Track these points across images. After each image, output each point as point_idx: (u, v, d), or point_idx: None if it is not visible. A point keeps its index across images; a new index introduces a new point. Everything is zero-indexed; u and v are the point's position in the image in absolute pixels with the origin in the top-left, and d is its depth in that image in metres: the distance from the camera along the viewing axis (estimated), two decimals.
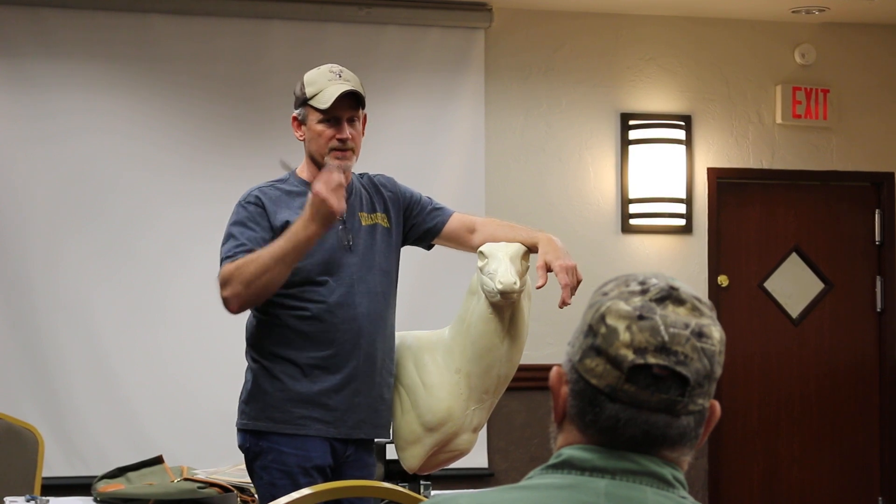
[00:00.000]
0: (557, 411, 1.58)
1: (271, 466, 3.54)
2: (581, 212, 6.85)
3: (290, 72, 6.35)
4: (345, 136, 3.58)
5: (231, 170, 6.28)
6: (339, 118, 3.58)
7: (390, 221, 3.73)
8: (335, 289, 3.55)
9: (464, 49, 6.68)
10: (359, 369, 3.58)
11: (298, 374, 3.56)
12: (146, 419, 6.19)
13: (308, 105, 3.59)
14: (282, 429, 3.54)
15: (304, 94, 3.60)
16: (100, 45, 6.29)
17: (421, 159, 6.49)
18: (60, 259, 6.17)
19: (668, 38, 7.00)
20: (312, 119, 3.59)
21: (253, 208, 3.57)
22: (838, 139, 7.19)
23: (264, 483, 3.55)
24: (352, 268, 3.59)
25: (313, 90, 3.59)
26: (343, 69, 3.63)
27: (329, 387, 3.55)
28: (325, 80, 3.59)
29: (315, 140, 3.60)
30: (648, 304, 1.53)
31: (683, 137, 6.93)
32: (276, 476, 3.52)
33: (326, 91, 3.57)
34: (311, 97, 3.58)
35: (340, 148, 3.58)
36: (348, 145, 3.59)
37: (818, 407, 7.17)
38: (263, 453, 3.56)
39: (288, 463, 3.52)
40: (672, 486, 1.53)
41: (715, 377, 1.54)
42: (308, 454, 3.53)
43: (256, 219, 3.56)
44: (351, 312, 3.57)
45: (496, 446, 6.67)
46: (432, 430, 3.65)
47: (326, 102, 3.55)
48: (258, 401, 3.58)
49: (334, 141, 3.58)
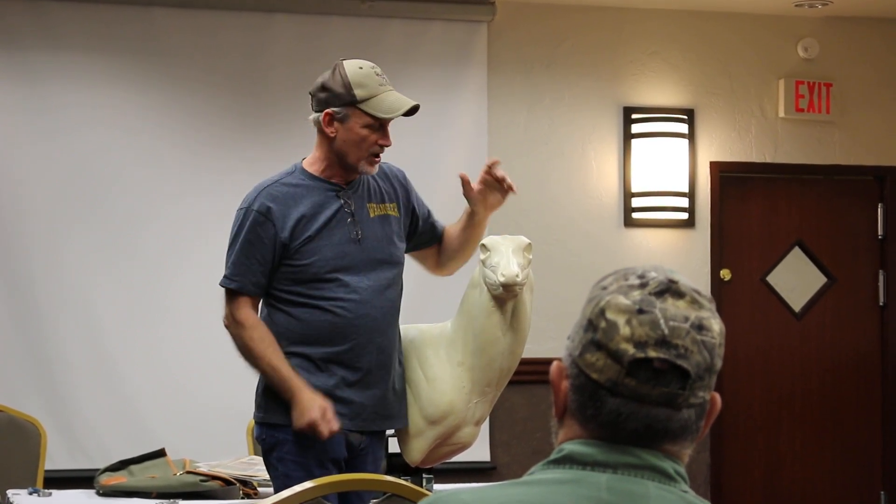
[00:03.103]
0: (558, 406, 1.58)
1: (287, 458, 3.56)
2: (583, 205, 6.85)
3: (292, 65, 6.39)
4: (389, 144, 3.59)
5: (234, 164, 6.27)
6: (384, 125, 3.58)
7: (400, 211, 3.74)
8: (347, 284, 3.56)
9: (467, 43, 6.68)
10: (373, 363, 3.59)
11: (313, 368, 3.57)
12: (148, 412, 6.19)
13: (356, 107, 3.55)
14: None
15: (353, 95, 3.54)
16: (102, 39, 6.28)
17: (423, 153, 6.49)
18: (63, 253, 6.17)
19: (671, 32, 6.99)
20: (357, 122, 3.55)
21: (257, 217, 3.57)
22: (841, 133, 7.19)
23: (279, 474, 3.56)
24: (362, 261, 3.59)
25: (364, 93, 3.53)
26: (380, 69, 3.61)
27: (345, 381, 3.57)
28: (377, 85, 3.55)
29: (356, 144, 3.56)
30: (648, 297, 1.53)
31: (686, 131, 6.93)
32: (291, 468, 3.54)
33: (385, 99, 3.54)
34: (361, 100, 3.54)
35: (378, 153, 3.59)
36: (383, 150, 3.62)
37: (820, 401, 7.17)
38: (279, 445, 3.57)
39: (304, 455, 3.54)
40: (674, 480, 1.53)
41: (715, 370, 1.54)
42: (324, 446, 3.54)
43: (259, 232, 3.56)
44: (364, 307, 3.58)
45: (498, 440, 6.67)
46: (435, 424, 3.65)
47: (389, 112, 3.54)
48: (274, 394, 3.59)
49: (376, 147, 3.58)
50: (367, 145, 3.56)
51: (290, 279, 3.58)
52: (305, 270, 3.54)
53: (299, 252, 3.56)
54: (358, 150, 3.57)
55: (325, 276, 3.56)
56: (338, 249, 3.57)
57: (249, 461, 4.19)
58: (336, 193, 3.62)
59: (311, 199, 3.58)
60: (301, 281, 3.55)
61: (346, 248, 3.58)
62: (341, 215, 3.61)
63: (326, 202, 3.61)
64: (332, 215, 3.60)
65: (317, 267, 3.54)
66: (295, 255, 3.56)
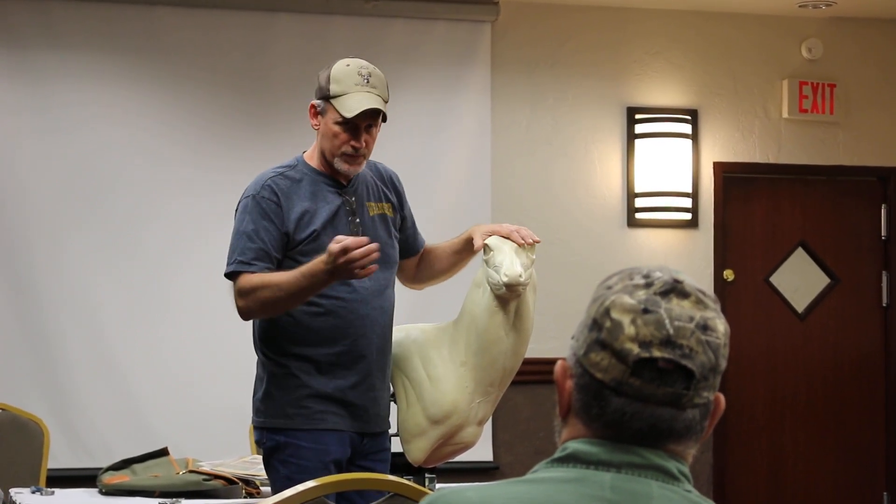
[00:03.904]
0: (562, 405, 1.58)
1: (289, 461, 3.55)
2: (587, 206, 6.85)
3: (295, 65, 6.40)
4: (359, 146, 3.56)
5: (236, 162, 6.27)
6: (357, 126, 3.55)
7: (395, 212, 3.74)
8: (349, 283, 3.55)
9: (470, 42, 6.68)
10: (373, 364, 3.59)
11: (313, 370, 3.56)
12: (151, 411, 6.19)
13: (329, 102, 3.56)
14: (300, 424, 3.54)
15: (328, 90, 3.55)
16: (105, 37, 6.29)
17: (427, 153, 6.50)
18: (65, 251, 6.17)
19: (675, 33, 6.99)
20: (330, 117, 3.56)
21: (267, 204, 3.55)
22: (845, 134, 7.18)
23: (281, 477, 3.54)
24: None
25: (338, 90, 3.53)
26: (372, 71, 3.58)
27: (346, 383, 3.56)
28: (352, 84, 3.53)
29: (329, 139, 3.57)
30: (653, 297, 1.53)
31: (689, 132, 6.92)
32: (293, 470, 3.52)
33: (351, 98, 3.52)
34: (333, 96, 3.54)
35: (352, 154, 3.57)
36: (360, 152, 3.58)
37: (823, 402, 7.16)
38: (281, 448, 3.56)
39: (306, 457, 3.53)
40: (677, 480, 1.54)
41: (720, 370, 1.54)
42: (326, 448, 3.54)
43: (271, 216, 3.54)
44: (364, 308, 3.57)
45: (501, 439, 6.67)
46: (437, 423, 3.65)
47: (349, 112, 3.51)
48: (274, 398, 3.58)
49: (348, 147, 3.56)
50: (338, 142, 3.55)
51: None
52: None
53: (306, 248, 3.54)
54: (331, 145, 3.57)
55: None
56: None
57: (252, 460, 4.19)
58: (337, 191, 3.62)
59: (312, 192, 3.58)
60: None
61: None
62: (342, 212, 3.61)
63: (328, 196, 3.60)
64: (335, 211, 3.59)
65: None
66: (301, 251, 3.55)
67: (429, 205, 6.26)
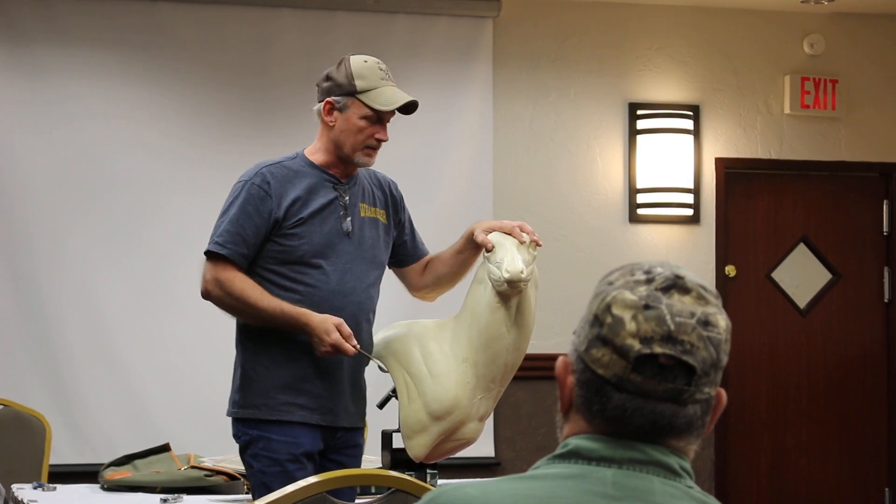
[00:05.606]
0: (563, 401, 1.58)
1: (261, 454, 3.55)
2: (589, 201, 6.85)
3: (298, 60, 6.39)
4: (384, 138, 3.62)
5: (239, 158, 6.24)
6: (382, 119, 3.61)
7: (388, 219, 3.75)
8: (329, 273, 3.57)
9: (472, 38, 6.67)
10: (343, 357, 3.57)
11: (284, 359, 3.57)
12: (153, 407, 6.19)
13: (355, 98, 3.59)
14: (268, 415, 3.56)
15: (354, 85, 3.58)
16: (108, 33, 6.28)
17: (429, 149, 6.50)
18: (67, 247, 6.17)
19: (677, 28, 6.98)
20: (355, 112, 3.59)
21: (257, 190, 3.58)
22: (847, 129, 7.18)
23: (255, 471, 3.57)
24: (347, 255, 3.60)
25: (365, 85, 3.58)
26: (385, 66, 3.65)
27: (313, 373, 3.56)
28: (378, 79, 3.60)
29: (353, 134, 3.59)
30: (654, 293, 1.53)
31: (691, 127, 6.92)
32: (265, 464, 3.53)
33: (383, 93, 3.58)
34: (361, 91, 3.58)
35: (375, 147, 3.60)
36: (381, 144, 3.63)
37: (825, 397, 7.16)
38: (253, 442, 3.57)
39: (277, 450, 3.54)
40: (679, 476, 1.54)
41: (721, 366, 1.54)
42: (297, 440, 3.55)
43: (257, 204, 3.57)
44: (341, 300, 3.58)
45: (503, 435, 6.67)
46: (439, 419, 3.65)
47: (386, 105, 3.58)
48: (246, 389, 3.60)
49: (372, 140, 3.60)
50: (363, 136, 3.59)
51: (276, 259, 3.58)
52: (292, 252, 3.55)
53: (289, 232, 3.57)
54: (354, 139, 3.59)
55: (309, 260, 3.56)
56: (327, 238, 3.58)
57: None
58: (333, 185, 3.64)
59: (308, 184, 3.60)
60: (285, 262, 3.56)
61: (334, 239, 3.59)
62: (335, 206, 3.63)
63: (322, 190, 3.62)
64: (326, 203, 3.61)
65: (303, 250, 3.56)
66: (285, 234, 3.57)
67: (431, 200, 6.27)
